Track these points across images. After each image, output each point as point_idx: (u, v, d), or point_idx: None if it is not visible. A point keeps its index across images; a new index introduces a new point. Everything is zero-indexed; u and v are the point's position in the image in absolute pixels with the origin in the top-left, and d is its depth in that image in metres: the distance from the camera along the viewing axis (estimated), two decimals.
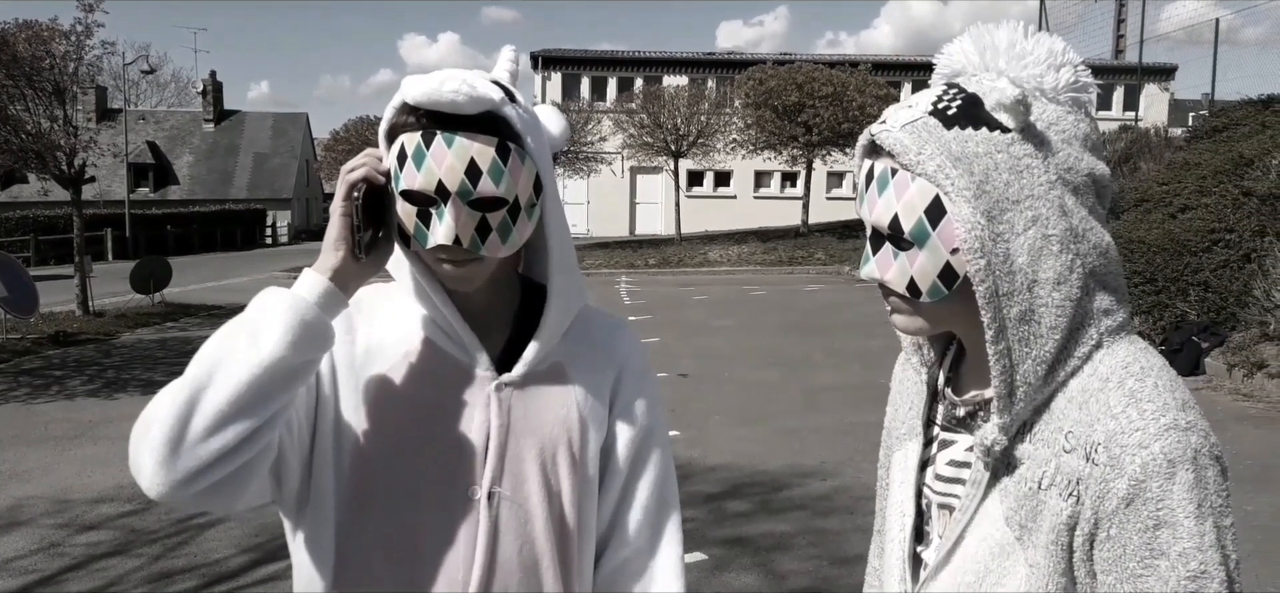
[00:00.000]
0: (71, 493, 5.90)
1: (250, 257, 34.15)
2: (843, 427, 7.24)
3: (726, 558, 4.65)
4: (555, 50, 38.21)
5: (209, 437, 1.04)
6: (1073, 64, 1.03)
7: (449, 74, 1.12)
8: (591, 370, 1.31)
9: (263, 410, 1.07)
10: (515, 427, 1.24)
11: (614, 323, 1.38)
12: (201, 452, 1.04)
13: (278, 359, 1.06)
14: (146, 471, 1.05)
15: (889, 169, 1.03)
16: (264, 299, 1.11)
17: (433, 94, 1.10)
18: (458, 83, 1.11)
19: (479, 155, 1.12)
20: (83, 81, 14.12)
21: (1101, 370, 1.00)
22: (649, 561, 1.32)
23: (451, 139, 1.12)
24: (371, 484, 1.21)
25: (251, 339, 1.07)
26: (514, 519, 1.23)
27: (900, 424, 1.23)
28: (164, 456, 1.04)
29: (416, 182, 1.13)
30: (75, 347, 12.22)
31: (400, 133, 1.15)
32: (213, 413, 1.04)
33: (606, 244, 29.92)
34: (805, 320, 13.93)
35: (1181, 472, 0.93)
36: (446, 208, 1.14)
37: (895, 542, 1.17)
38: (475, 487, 1.21)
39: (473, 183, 1.12)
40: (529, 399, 1.25)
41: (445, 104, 1.10)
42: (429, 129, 1.12)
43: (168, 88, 52.52)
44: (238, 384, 1.05)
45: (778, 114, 26.75)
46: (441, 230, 1.14)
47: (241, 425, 1.05)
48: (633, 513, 1.32)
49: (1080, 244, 1.00)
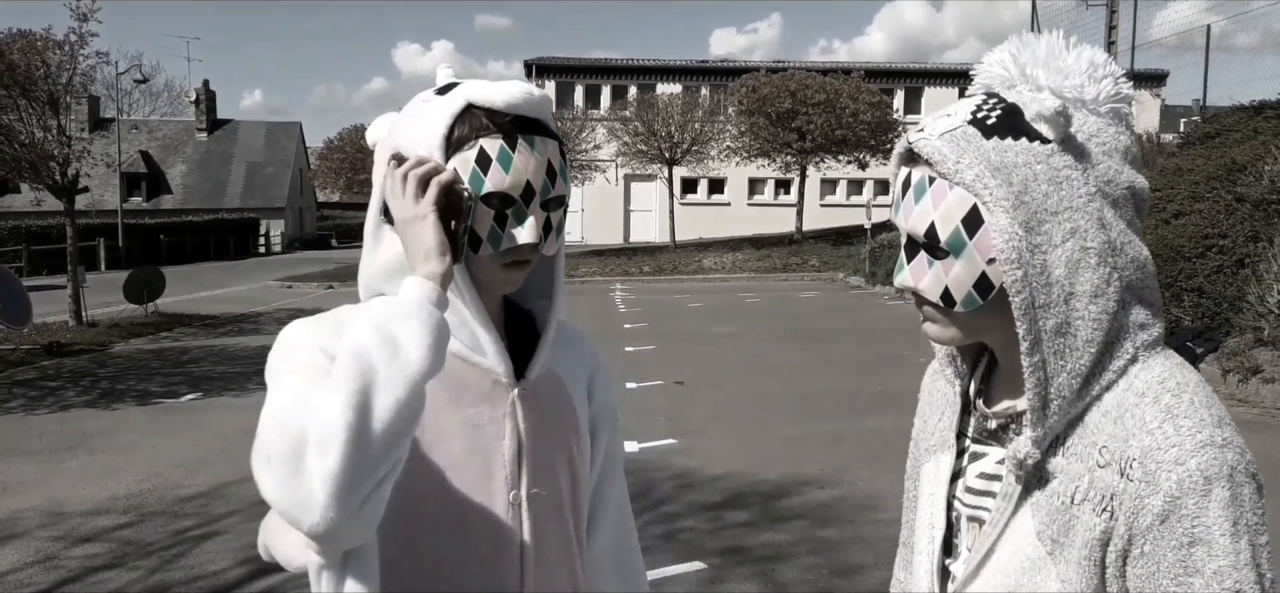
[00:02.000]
0: (67, 505, 5.85)
1: (244, 266, 34.06)
2: (840, 434, 7.23)
3: (726, 568, 4.63)
4: (549, 58, 38.25)
5: (380, 463, 0.98)
6: (1114, 76, 1.02)
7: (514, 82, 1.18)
8: (574, 372, 1.38)
9: (414, 426, 1.03)
10: (537, 429, 1.28)
11: (575, 330, 1.44)
12: (377, 475, 0.98)
13: (427, 370, 1.02)
14: (319, 504, 0.94)
15: (927, 177, 1.02)
16: (382, 310, 1.05)
17: (516, 100, 1.16)
18: (529, 88, 1.18)
19: (553, 157, 1.19)
20: (76, 91, 14.08)
21: (1137, 385, 0.99)
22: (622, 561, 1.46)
23: (534, 141, 1.17)
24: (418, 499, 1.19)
25: (393, 355, 1.01)
26: (549, 517, 1.28)
27: (930, 435, 1.21)
28: (345, 484, 0.95)
29: (504, 183, 1.16)
30: (69, 357, 12.16)
31: (475, 138, 1.16)
32: (383, 435, 0.97)
33: (601, 252, 29.90)
34: (800, 327, 13.93)
35: (1217, 489, 0.92)
36: (529, 209, 1.18)
37: (924, 554, 1.16)
38: (516, 491, 1.25)
39: (552, 183, 1.19)
40: (542, 403, 1.30)
41: (532, 108, 1.17)
42: (512, 133, 1.16)
43: (161, 97, 52.32)
44: (399, 401, 0.99)
45: (771, 121, 26.81)
46: (526, 230, 1.18)
47: (402, 447, 1.01)
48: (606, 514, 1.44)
49: (1118, 257, 0.99)
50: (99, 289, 18.61)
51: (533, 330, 1.32)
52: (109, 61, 15.33)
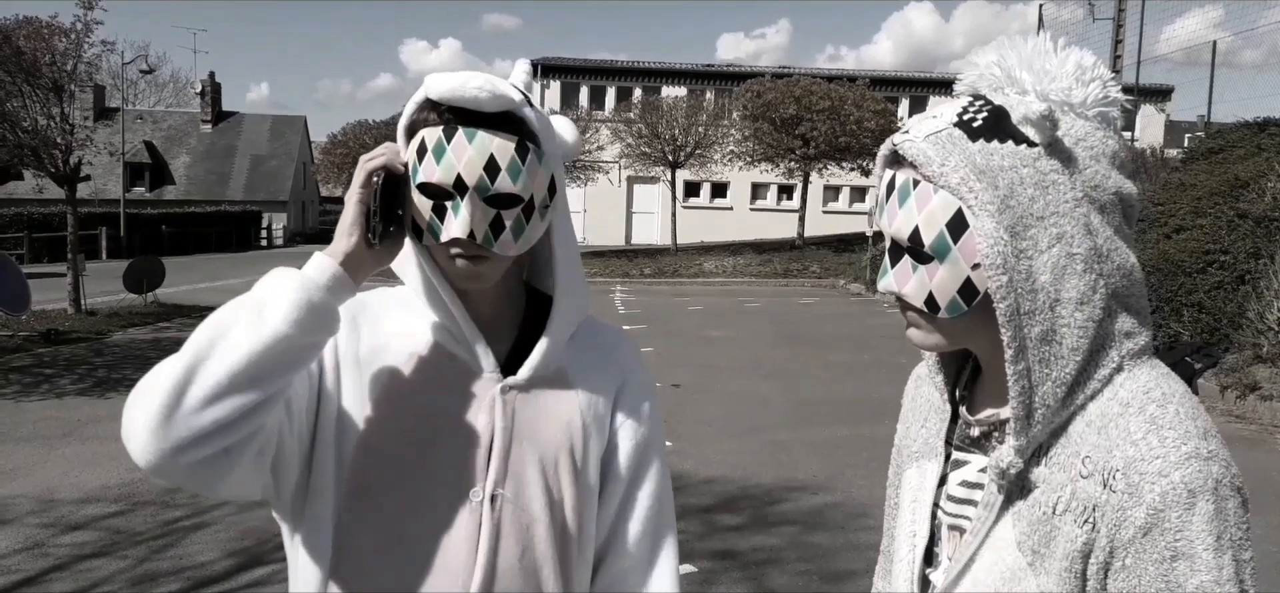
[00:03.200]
0: (58, 493, 5.84)
1: (245, 258, 34.06)
2: (835, 441, 7.21)
3: (717, 571, 4.61)
4: (554, 59, 38.25)
5: (205, 408, 1.02)
6: (1102, 79, 1.00)
7: (472, 74, 1.14)
8: (595, 379, 1.31)
9: (261, 388, 1.05)
10: (519, 431, 1.24)
11: (616, 333, 1.39)
12: (195, 422, 1.02)
13: (280, 337, 1.05)
14: (138, 437, 1.04)
15: (911, 180, 1.00)
16: (272, 277, 1.10)
17: (457, 90, 1.12)
18: (482, 80, 1.13)
19: (499, 152, 1.14)
20: (81, 79, 14.07)
21: (1122, 395, 0.97)
22: (646, 574, 1.33)
23: (473, 134, 1.14)
24: (372, 484, 1.21)
25: (256, 315, 1.06)
26: (516, 524, 1.22)
27: (913, 442, 1.19)
28: (158, 422, 1.02)
29: (435, 175, 1.14)
30: (66, 345, 12.15)
31: (421, 128, 1.16)
32: (211, 384, 1.02)
33: (602, 253, 29.91)
34: (799, 333, 13.91)
35: (1201, 502, 0.90)
36: (463, 202, 1.15)
37: (904, 563, 1.14)
38: (478, 489, 1.21)
39: (491, 179, 1.14)
40: (533, 404, 1.25)
41: (469, 100, 1.13)
42: (451, 124, 1.14)
43: (166, 88, 52.38)
44: (239, 358, 1.03)
45: (775, 127, 26.78)
46: (456, 224, 1.15)
47: (238, 400, 1.03)
48: (632, 525, 1.32)
49: (1104, 264, 0.97)
50: (99, 278, 18.61)
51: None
52: (114, 51, 15.27)
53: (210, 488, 1.10)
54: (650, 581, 1.32)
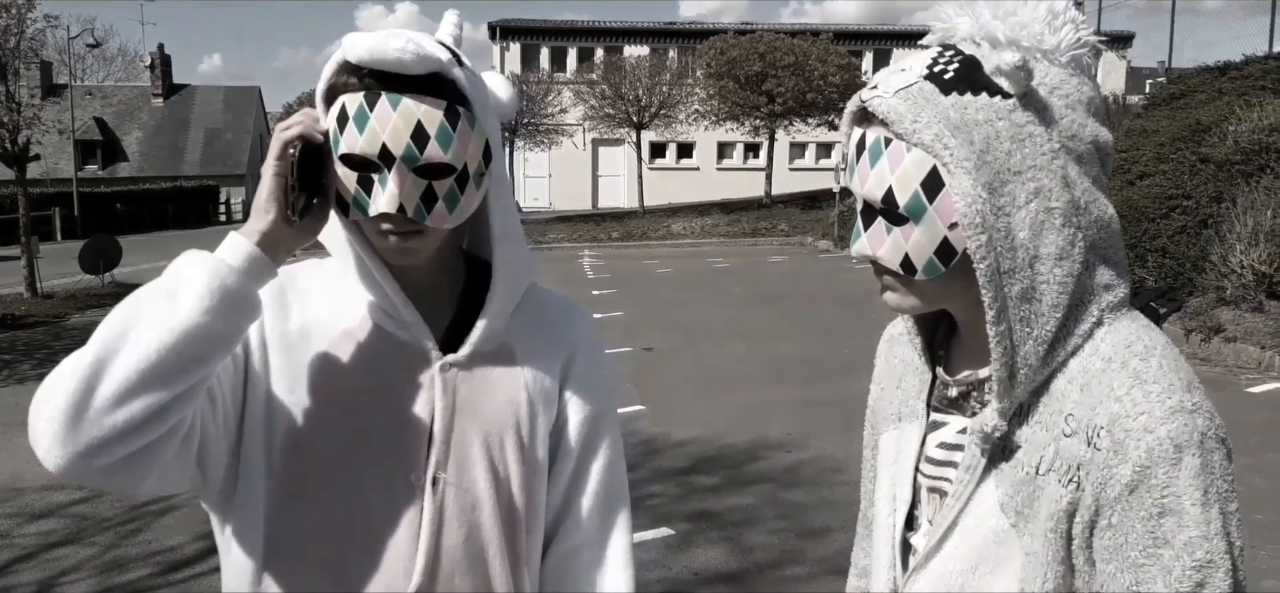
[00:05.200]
0: (21, 481, 5.72)
1: (203, 234, 33.53)
2: (806, 399, 7.24)
3: (693, 533, 4.62)
4: (514, 20, 37.76)
5: (115, 407, 0.94)
6: (1074, 22, 0.96)
7: (394, 32, 1.04)
8: (542, 352, 1.25)
9: (176, 382, 0.97)
10: (461, 409, 1.18)
11: (565, 302, 1.32)
12: (106, 423, 0.94)
13: (194, 326, 0.97)
14: (44, 441, 0.95)
15: (882, 138, 0.95)
16: (182, 261, 1.01)
17: (377, 52, 1.02)
18: (404, 40, 1.03)
19: (426, 119, 1.05)
20: (25, 56, 13.69)
21: (1103, 350, 0.94)
22: (599, 551, 1.28)
23: (397, 100, 1.04)
24: (306, 471, 1.14)
25: (167, 303, 0.98)
26: (459, 506, 1.16)
27: (888, 404, 1.16)
28: (64, 425, 0.94)
29: (358, 145, 1.05)
30: (23, 330, 11.91)
31: (340, 93, 1.07)
32: (121, 381, 0.94)
33: (569, 217, 29.76)
34: (768, 292, 13.95)
35: (1188, 457, 0.88)
36: (390, 174, 1.05)
37: (884, 527, 1.11)
38: (418, 472, 1.15)
39: (419, 148, 1.05)
40: (476, 381, 1.19)
41: (391, 63, 1.03)
42: (373, 89, 1.04)
43: (114, 62, 51.23)
44: (149, 351, 0.95)
45: (740, 84, 26.69)
46: (384, 198, 1.06)
47: (151, 397, 0.96)
48: (583, 501, 1.27)
49: (1082, 217, 0.94)
50: (54, 260, 18.24)
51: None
52: (59, 25, 14.87)
53: (131, 488, 1.02)
54: (603, 557, 1.28)
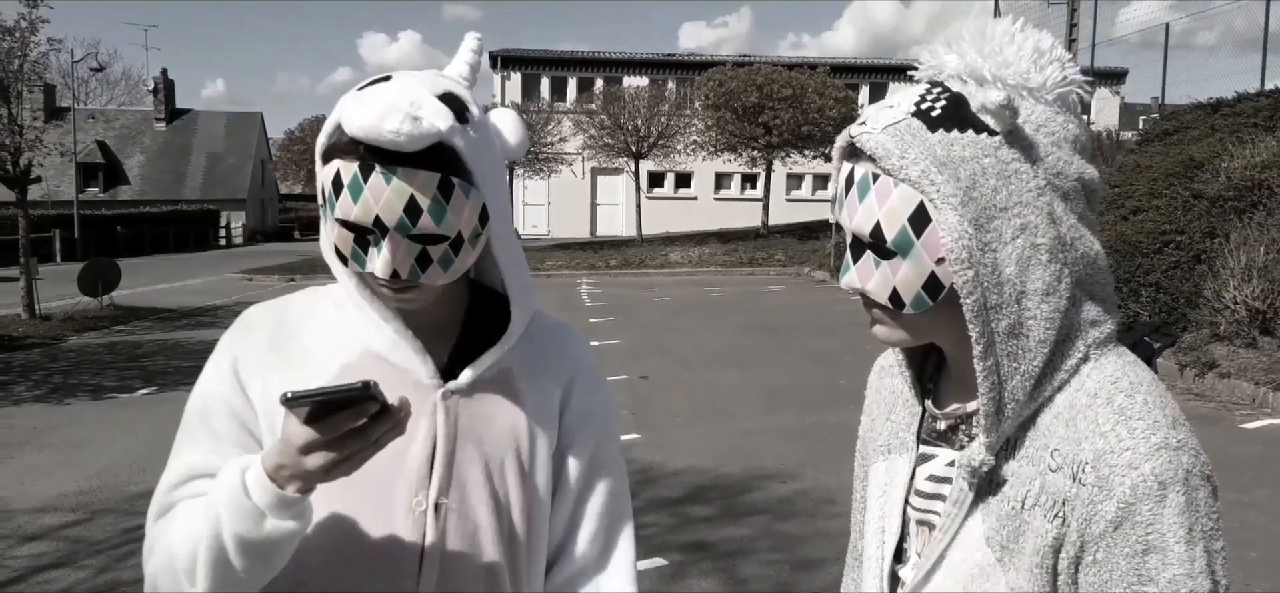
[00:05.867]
0: (14, 502, 5.69)
1: (203, 258, 33.54)
2: (802, 429, 7.24)
3: (687, 563, 4.61)
4: (515, 50, 38.00)
5: None
6: (1060, 62, 0.97)
7: (393, 102, 1.04)
8: (541, 377, 1.26)
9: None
10: (463, 436, 1.19)
11: (563, 328, 1.33)
12: None
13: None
14: None
15: (870, 174, 0.97)
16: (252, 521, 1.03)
17: (372, 130, 1.03)
18: (400, 118, 1.03)
19: (420, 193, 1.06)
20: (29, 79, 13.74)
21: (1089, 385, 0.96)
22: (601, 574, 1.29)
23: (391, 175, 1.05)
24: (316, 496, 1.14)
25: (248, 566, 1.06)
26: (461, 531, 1.18)
27: (878, 435, 1.17)
28: None
29: (352, 213, 1.07)
30: (20, 351, 11.87)
31: (336, 156, 1.08)
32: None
33: (567, 245, 29.80)
34: (765, 321, 13.96)
35: (1172, 494, 0.89)
36: (385, 240, 1.08)
37: (873, 559, 1.12)
38: (420, 497, 1.17)
39: (412, 221, 1.07)
40: (476, 407, 1.21)
41: (386, 142, 1.03)
42: (367, 160, 1.05)
43: (118, 86, 51.46)
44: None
45: (737, 116, 26.85)
46: (379, 262, 1.09)
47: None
48: (585, 525, 1.29)
49: (1069, 253, 0.95)
50: (54, 281, 18.22)
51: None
52: (62, 49, 14.96)
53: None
54: (605, 581, 1.29)
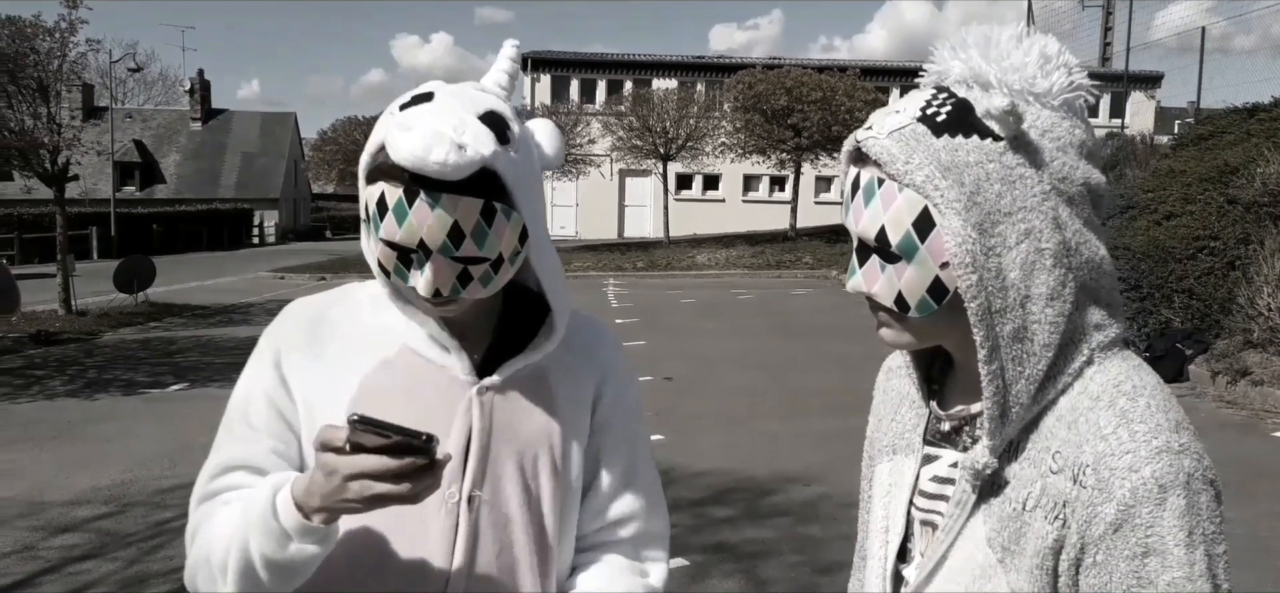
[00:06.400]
0: (47, 494, 5.81)
1: (237, 256, 33.96)
2: (826, 432, 7.21)
3: (709, 565, 4.61)
4: (545, 52, 38.15)
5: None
6: (1067, 67, 0.98)
7: (438, 131, 1.07)
8: (573, 376, 1.29)
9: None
10: (497, 432, 1.23)
11: (595, 327, 1.36)
12: None
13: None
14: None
15: (876, 178, 0.98)
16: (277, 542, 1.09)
17: (419, 161, 1.06)
18: (446, 149, 1.06)
19: (464, 218, 1.10)
20: (67, 79, 14.00)
21: (1092, 388, 0.96)
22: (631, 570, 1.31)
23: (435, 201, 1.09)
24: None
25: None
26: (493, 524, 1.22)
27: (883, 436, 1.18)
28: None
29: (397, 235, 1.11)
30: (57, 346, 12.10)
31: (381, 178, 1.11)
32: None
33: (594, 246, 29.87)
34: (791, 324, 13.92)
35: (1173, 497, 0.89)
36: (428, 262, 1.12)
37: (876, 559, 1.13)
38: (454, 489, 1.20)
39: (455, 244, 1.11)
40: (511, 404, 1.24)
41: (432, 172, 1.07)
42: (412, 186, 1.09)
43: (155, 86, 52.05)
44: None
45: (766, 118, 26.79)
46: (422, 282, 1.13)
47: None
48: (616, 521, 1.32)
49: (1073, 258, 0.96)
50: (90, 278, 18.54)
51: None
52: (101, 50, 15.23)
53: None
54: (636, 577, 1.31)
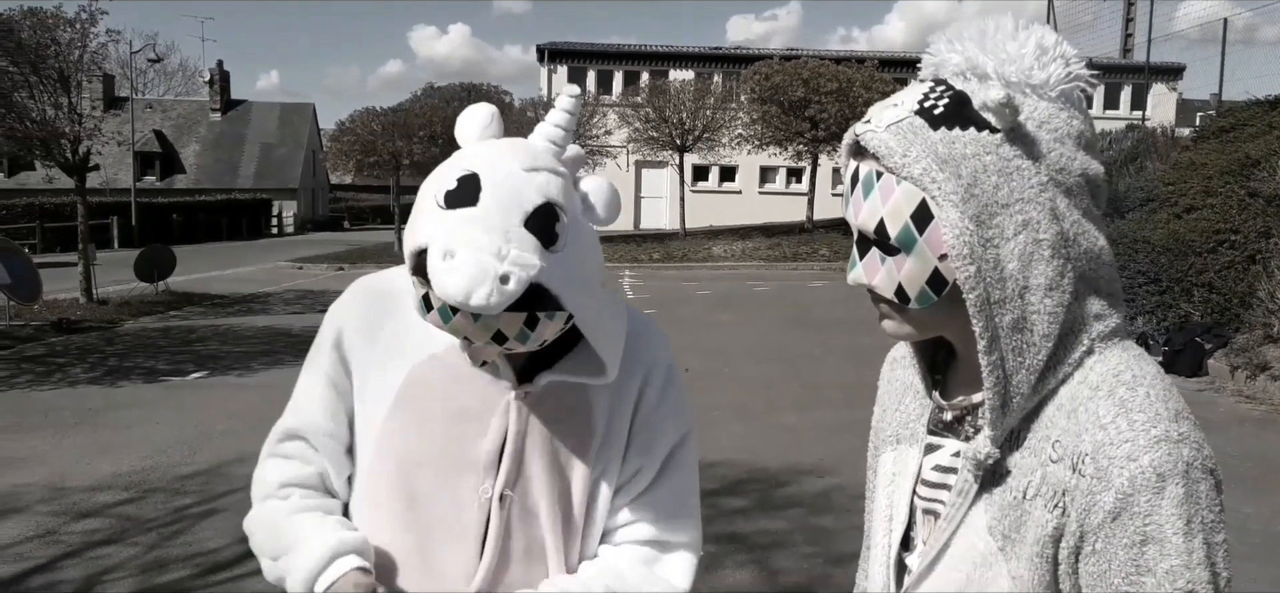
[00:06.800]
0: (69, 480, 5.89)
1: (256, 246, 34.17)
2: (841, 424, 7.21)
3: (722, 554, 4.63)
4: (561, 43, 38.14)
5: None
6: (1064, 58, 0.98)
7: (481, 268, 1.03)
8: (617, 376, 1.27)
9: None
10: (532, 434, 1.25)
11: (641, 324, 1.32)
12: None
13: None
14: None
15: (874, 171, 0.99)
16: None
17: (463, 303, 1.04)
18: (489, 288, 1.03)
19: (507, 328, 1.10)
20: (88, 69, 14.12)
21: (1092, 378, 0.97)
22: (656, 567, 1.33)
23: (479, 316, 1.08)
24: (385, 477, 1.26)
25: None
26: (523, 522, 1.25)
27: (887, 426, 1.20)
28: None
29: (440, 324, 1.11)
30: (78, 334, 12.23)
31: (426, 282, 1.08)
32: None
33: (611, 238, 29.87)
34: (807, 316, 13.90)
35: (1171, 486, 0.90)
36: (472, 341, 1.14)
37: (880, 547, 1.15)
38: (487, 486, 1.24)
39: (499, 343, 1.12)
40: (548, 409, 1.26)
41: (478, 308, 1.04)
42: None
43: (175, 77, 52.37)
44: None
45: (783, 109, 26.68)
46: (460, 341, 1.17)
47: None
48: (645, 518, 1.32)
49: (1072, 248, 0.96)
50: (111, 267, 18.70)
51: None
52: (121, 40, 15.36)
53: None
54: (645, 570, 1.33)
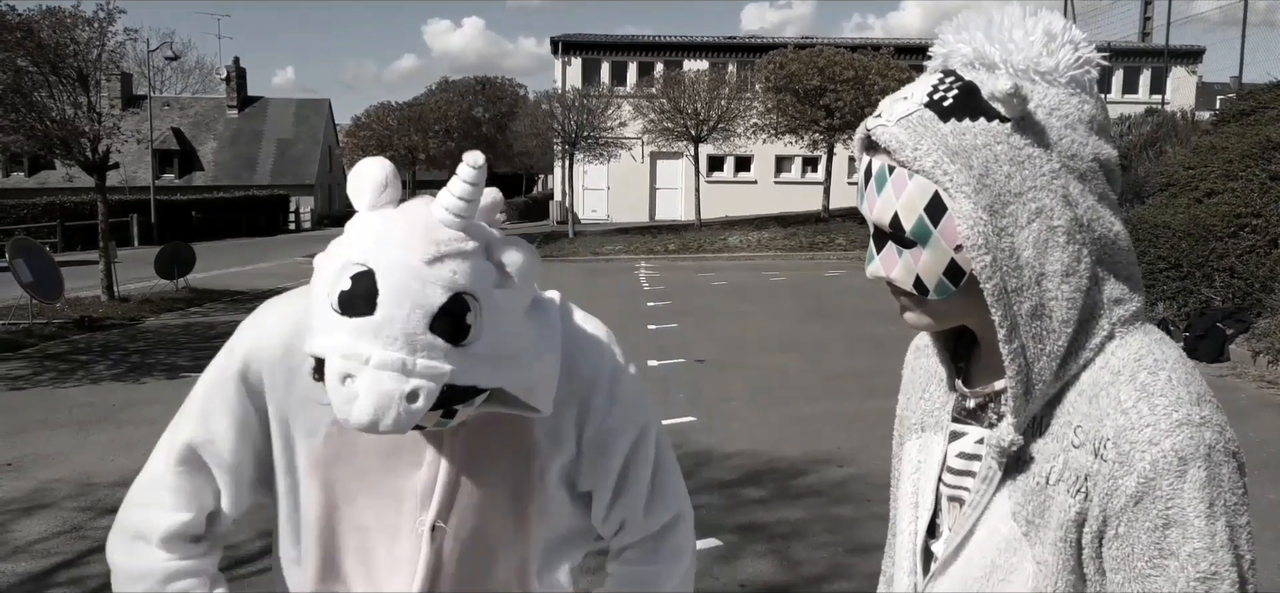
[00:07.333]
0: (95, 476, 5.96)
1: (273, 242, 34.38)
2: (859, 413, 7.20)
3: (741, 544, 4.64)
4: (575, 35, 38.13)
5: None
6: (1073, 43, 0.98)
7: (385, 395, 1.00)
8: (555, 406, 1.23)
9: None
10: (465, 464, 1.24)
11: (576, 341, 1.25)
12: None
13: None
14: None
15: (886, 166, 1.00)
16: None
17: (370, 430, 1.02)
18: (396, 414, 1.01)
19: (424, 421, 1.07)
20: (106, 68, 14.23)
21: (1113, 363, 0.97)
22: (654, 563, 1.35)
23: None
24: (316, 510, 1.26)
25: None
26: (457, 554, 1.25)
27: (912, 414, 1.20)
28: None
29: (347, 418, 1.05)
30: (100, 331, 12.35)
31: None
32: None
33: (626, 229, 29.89)
34: (824, 306, 13.87)
35: (1193, 469, 0.90)
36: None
37: (906, 535, 1.15)
38: (423, 518, 1.24)
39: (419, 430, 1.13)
40: (480, 438, 1.24)
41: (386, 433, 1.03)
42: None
43: (192, 74, 52.85)
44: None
45: (799, 98, 26.57)
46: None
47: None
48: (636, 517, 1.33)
49: (1087, 234, 0.97)
50: (131, 264, 18.87)
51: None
52: (138, 39, 15.47)
53: None
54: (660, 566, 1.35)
